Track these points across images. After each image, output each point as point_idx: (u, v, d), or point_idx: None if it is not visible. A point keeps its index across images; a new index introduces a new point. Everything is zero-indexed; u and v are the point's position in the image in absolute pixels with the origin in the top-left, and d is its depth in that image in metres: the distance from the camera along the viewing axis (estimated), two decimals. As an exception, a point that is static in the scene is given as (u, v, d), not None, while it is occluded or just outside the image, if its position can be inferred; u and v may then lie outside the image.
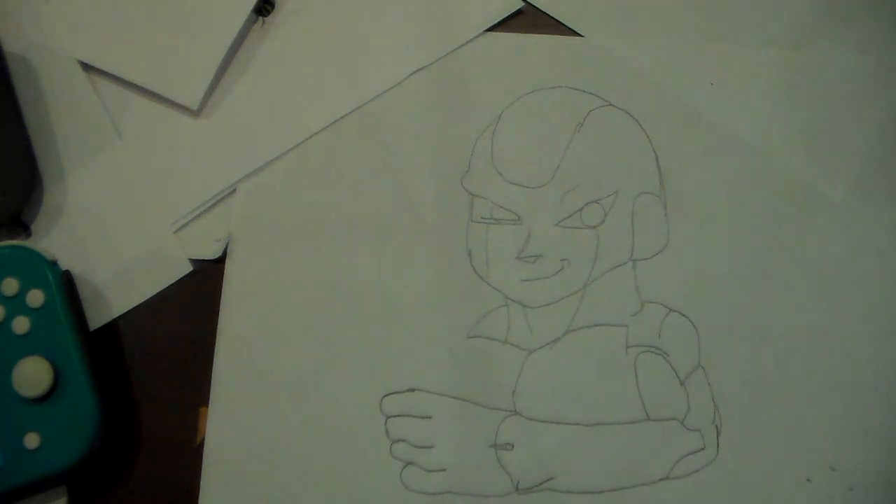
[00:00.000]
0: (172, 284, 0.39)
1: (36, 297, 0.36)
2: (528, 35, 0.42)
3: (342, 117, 0.41)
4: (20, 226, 0.40)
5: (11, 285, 0.36)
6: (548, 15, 0.42)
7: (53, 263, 0.37)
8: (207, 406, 0.38)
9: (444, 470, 0.37)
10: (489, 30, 0.42)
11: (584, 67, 0.41)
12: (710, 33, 0.42)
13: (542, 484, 0.37)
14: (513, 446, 0.37)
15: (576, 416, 0.37)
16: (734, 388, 0.37)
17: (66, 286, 0.37)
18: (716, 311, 0.38)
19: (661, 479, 0.36)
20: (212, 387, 0.38)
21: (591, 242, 0.39)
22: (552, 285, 0.39)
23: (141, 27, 0.42)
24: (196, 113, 0.41)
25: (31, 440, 0.35)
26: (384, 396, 0.38)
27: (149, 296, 0.39)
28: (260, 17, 0.43)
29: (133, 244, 0.40)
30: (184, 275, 0.40)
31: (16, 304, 0.36)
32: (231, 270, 0.39)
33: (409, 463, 0.37)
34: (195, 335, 0.39)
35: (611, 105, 0.41)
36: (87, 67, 0.42)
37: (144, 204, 0.40)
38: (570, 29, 0.42)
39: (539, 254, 0.39)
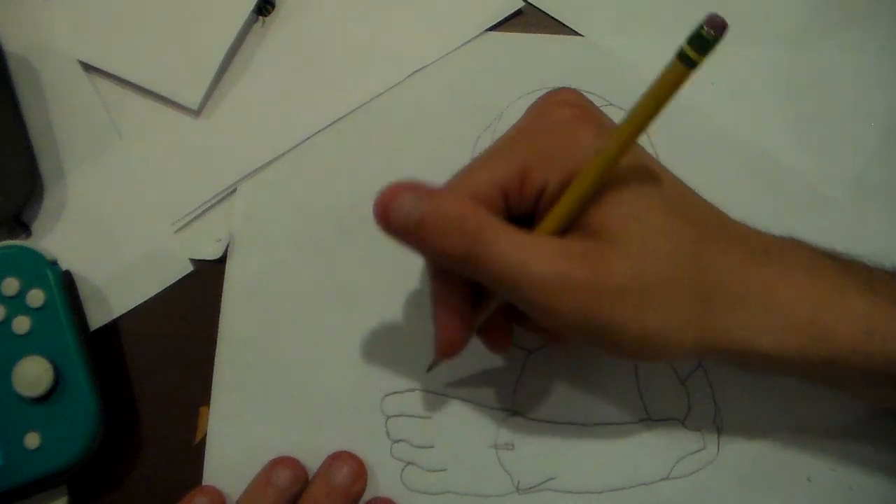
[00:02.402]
0: (172, 284, 0.39)
1: (36, 297, 0.36)
2: (528, 35, 0.42)
3: (342, 117, 0.41)
4: (20, 226, 0.40)
5: (11, 285, 0.36)
6: (548, 15, 0.42)
7: (53, 263, 0.37)
8: (207, 406, 0.38)
9: (444, 470, 0.37)
10: (489, 30, 0.42)
11: (584, 67, 0.41)
12: (710, 33, 0.42)
13: (542, 484, 0.37)
14: (513, 446, 0.37)
15: (576, 416, 0.37)
16: (734, 388, 0.37)
17: (66, 286, 0.37)
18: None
19: (661, 479, 0.36)
20: (212, 387, 0.38)
21: (591, 242, 0.39)
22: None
23: (141, 27, 0.42)
24: (196, 113, 0.41)
25: (31, 440, 0.35)
26: (384, 396, 0.38)
27: (149, 296, 0.39)
28: (260, 17, 0.43)
29: (133, 244, 0.40)
30: (184, 275, 0.40)
31: (16, 304, 0.36)
32: (231, 270, 0.39)
33: (409, 463, 0.37)
34: (195, 335, 0.39)
35: (611, 105, 0.41)
36: (87, 67, 0.42)
37: (144, 204, 0.40)
38: (570, 29, 0.42)
39: (539, 254, 0.39)
